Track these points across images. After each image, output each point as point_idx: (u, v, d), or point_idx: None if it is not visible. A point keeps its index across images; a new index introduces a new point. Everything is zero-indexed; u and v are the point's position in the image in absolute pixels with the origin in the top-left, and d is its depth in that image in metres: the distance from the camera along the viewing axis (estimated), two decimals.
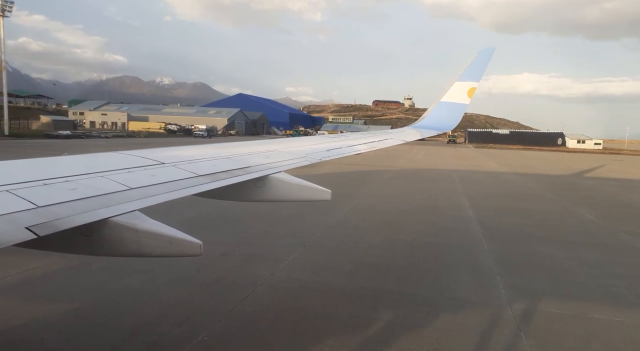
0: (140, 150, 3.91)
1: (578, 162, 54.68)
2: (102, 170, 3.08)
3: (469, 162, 45.92)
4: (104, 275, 8.17)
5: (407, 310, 7.20)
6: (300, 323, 6.59)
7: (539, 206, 18.31)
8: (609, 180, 31.70)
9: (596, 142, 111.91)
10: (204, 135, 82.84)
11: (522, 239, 12.41)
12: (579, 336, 6.47)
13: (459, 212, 16.27)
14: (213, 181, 3.41)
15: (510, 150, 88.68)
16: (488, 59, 9.17)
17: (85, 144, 49.34)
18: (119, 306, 6.96)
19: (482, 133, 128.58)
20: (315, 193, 4.34)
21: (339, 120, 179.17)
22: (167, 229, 2.83)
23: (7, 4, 61.33)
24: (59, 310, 6.72)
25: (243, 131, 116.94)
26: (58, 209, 2.31)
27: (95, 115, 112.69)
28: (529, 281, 8.82)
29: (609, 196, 22.69)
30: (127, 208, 2.60)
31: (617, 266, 10.10)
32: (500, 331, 6.52)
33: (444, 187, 23.40)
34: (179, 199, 3.00)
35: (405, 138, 8.35)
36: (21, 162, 3.12)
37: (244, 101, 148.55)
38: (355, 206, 16.53)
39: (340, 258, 9.97)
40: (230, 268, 8.93)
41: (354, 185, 22.48)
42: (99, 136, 68.89)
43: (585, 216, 16.41)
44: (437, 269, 9.48)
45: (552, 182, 29.13)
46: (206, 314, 6.73)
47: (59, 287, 7.58)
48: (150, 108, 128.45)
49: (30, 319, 6.35)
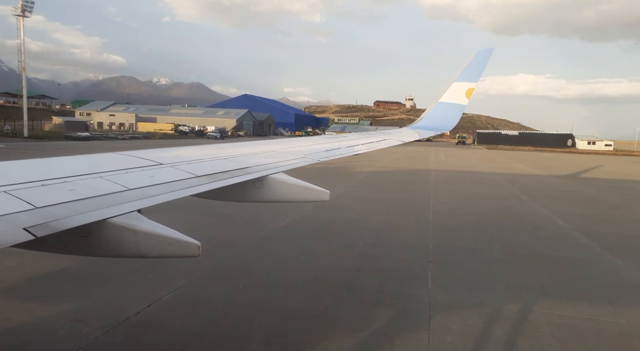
0: (139, 150, 3.86)
1: (603, 163, 54.70)
2: (100, 171, 3.07)
3: (496, 164, 45.82)
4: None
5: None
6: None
7: (621, 213, 17.88)
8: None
9: (607, 143, 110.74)
10: (217, 136, 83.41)
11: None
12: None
13: (544, 221, 15.76)
14: (212, 182, 3.40)
15: (523, 151, 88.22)
16: (486, 59, 9.14)
17: (109, 146, 48.43)
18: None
19: (491, 134, 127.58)
20: (314, 193, 4.30)
21: (346, 122, 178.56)
22: (166, 230, 2.80)
23: (28, 4, 59.79)
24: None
25: (251, 132, 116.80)
26: (56, 210, 2.30)
27: (102, 116, 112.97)
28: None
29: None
30: (126, 209, 2.58)
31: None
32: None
33: (501, 192, 23.15)
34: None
35: (403, 138, 8.34)
36: (19, 163, 3.10)
37: (250, 102, 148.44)
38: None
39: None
40: (382, 287, 8.49)
41: (414, 190, 22.59)
42: (116, 138, 68.71)
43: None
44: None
45: (601, 185, 28.77)
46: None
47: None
48: (157, 109, 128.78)
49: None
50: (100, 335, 6.09)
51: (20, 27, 59.58)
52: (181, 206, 13.60)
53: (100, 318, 6.60)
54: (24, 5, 59.23)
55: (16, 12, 59.38)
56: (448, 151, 71.88)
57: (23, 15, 59.57)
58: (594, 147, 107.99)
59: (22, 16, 59.48)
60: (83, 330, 6.22)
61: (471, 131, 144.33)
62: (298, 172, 4.42)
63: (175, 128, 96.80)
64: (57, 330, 6.22)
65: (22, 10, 59.31)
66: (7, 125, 66.68)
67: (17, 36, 59.23)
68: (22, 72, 61.18)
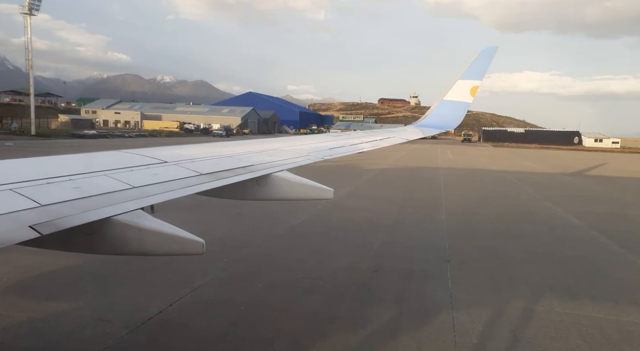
0: (142, 148, 3.84)
1: (611, 161, 54.49)
2: (104, 169, 3.06)
3: (505, 162, 45.77)
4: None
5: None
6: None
7: (635, 212, 17.62)
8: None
9: (614, 140, 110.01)
10: (222, 134, 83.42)
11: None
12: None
13: (559, 220, 15.52)
14: (215, 180, 3.39)
15: (530, 149, 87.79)
16: (491, 57, 9.12)
17: (116, 144, 47.89)
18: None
19: (497, 131, 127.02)
20: (318, 192, 4.27)
21: (350, 119, 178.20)
22: (170, 228, 2.79)
23: (35, 3, 59.45)
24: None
25: (256, 130, 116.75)
26: (61, 208, 2.30)
27: (108, 114, 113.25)
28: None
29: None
30: (130, 207, 2.59)
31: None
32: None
33: (512, 190, 23.12)
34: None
35: (407, 136, 8.32)
36: (24, 161, 3.09)
37: (254, 99, 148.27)
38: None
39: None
40: (403, 288, 8.41)
41: (425, 188, 22.49)
42: (122, 135, 68.31)
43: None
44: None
45: (612, 183, 28.66)
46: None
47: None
48: (162, 107, 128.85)
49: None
50: (125, 335, 6.05)
51: (28, 26, 59.42)
52: (193, 204, 13.56)
53: (124, 318, 6.56)
54: (31, 4, 59.05)
55: (23, 10, 59.24)
56: (454, 149, 71.63)
57: (30, 14, 59.37)
58: (601, 145, 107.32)
59: (29, 14, 59.28)
60: (107, 329, 6.17)
61: (477, 129, 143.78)
62: (305, 170, 4.36)
63: (180, 126, 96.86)
64: (81, 329, 6.18)
65: (30, 9, 59.12)
66: (14, 123, 66.86)
67: (24, 34, 59.20)
68: (29, 70, 61.17)
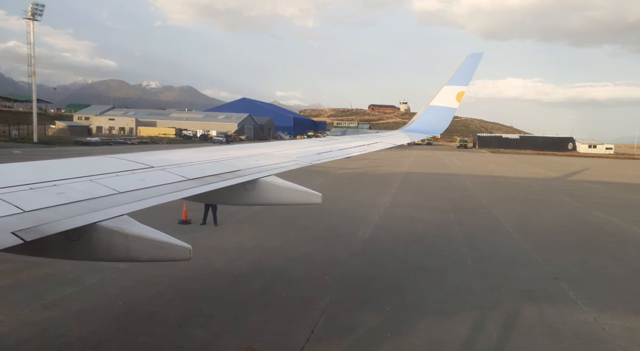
0: (129, 153, 3.81)
1: (617, 167, 54.63)
2: (90, 174, 3.02)
3: (516, 169, 45.84)
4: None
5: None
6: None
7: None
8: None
9: (607, 146, 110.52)
10: (223, 141, 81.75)
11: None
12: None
13: (627, 231, 15.27)
14: (203, 185, 3.38)
15: (527, 155, 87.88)
16: (476, 63, 9.23)
17: (122, 151, 45.93)
18: None
19: (492, 138, 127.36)
20: (306, 196, 4.30)
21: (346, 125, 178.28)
22: (157, 234, 2.78)
23: (39, 8, 58.46)
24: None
25: (252, 136, 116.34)
26: (45, 214, 2.26)
27: (102, 120, 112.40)
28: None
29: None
30: (116, 213, 2.55)
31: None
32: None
33: (550, 199, 22.84)
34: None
35: (395, 141, 8.48)
36: (7, 166, 3.04)
37: (248, 105, 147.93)
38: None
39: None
40: (540, 312, 8.13)
41: (463, 197, 22.06)
42: (125, 142, 67.47)
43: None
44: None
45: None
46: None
47: None
48: (157, 113, 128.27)
49: None
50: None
51: (30, 31, 58.44)
52: (251, 216, 13.53)
53: (275, 348, 6.22)
54: (34, 9, 58.00)
55: (26, 15, 58.26)
56: (456, 155, 70.74)
57: (33, 19, 58.28)
58: (595, 151, 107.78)
59: (32, 19, 58.18)
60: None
61: (468, 135, 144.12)
62: (325, 178, 4.07)
63: (177, 133, 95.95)
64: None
65: (33, 14, 58.12)
66: (14, 130, 65.65)
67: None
68: (31, 76, 59.96)
